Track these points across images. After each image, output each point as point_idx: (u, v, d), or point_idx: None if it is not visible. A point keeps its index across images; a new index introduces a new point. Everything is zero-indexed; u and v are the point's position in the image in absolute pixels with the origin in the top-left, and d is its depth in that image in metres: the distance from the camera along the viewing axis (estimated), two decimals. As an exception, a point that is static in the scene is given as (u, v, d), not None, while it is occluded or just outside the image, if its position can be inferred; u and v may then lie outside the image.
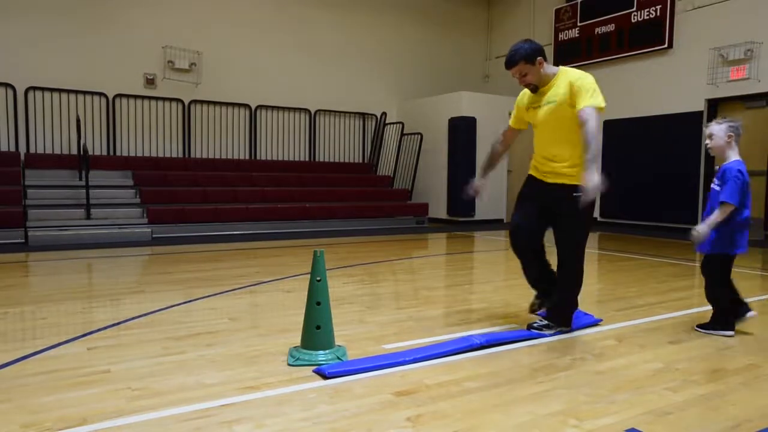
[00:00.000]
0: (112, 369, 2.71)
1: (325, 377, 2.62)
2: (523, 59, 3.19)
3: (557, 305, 3.44)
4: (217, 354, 2.96)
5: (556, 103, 3.19)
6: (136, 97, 10.03)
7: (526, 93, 3.43)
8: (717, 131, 3.44)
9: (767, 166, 9.03)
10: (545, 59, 3.24)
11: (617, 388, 2.55)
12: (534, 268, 3.53)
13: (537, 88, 3.30)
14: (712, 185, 3.51)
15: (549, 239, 3.42)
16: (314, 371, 2.70)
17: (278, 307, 4.06)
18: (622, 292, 4.79)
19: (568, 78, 3.18)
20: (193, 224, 8.86)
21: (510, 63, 3.23)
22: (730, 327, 3.48)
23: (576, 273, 3.39)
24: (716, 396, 2.48)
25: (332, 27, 11.88)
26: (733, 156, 3.44)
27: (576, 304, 3.49)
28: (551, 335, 3.37)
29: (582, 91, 3.08)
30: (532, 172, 3.47)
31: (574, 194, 3.16)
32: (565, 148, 3.23)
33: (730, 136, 3.42)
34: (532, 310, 3.69)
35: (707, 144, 3.53)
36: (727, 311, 3.50)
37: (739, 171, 3.34)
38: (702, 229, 3.31)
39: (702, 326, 3.56)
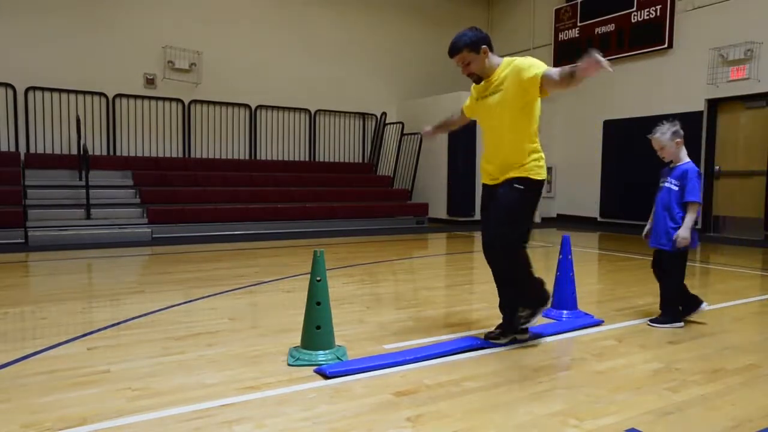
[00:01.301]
0: (112, 369, 2.71)
1: (326, 377, 2.62)
2: (467, 47, 3.01)
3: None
4: (217, 354, 2.96)
5: (504, 91, 3.01)
6: (136, 97, 10.03)
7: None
8: (665, 141, 3.62)
9: (767, 166, 9.03)
10: (491, 49, 3.07)
11: (617, 388, 2.55)
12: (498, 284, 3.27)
13: (481, 79, 3.13)
14: (666, 184, 3.66)
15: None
16: (315, 371, 2.70)
17: (278, 307, 4.06)
18: (622, 292, 4.79)
19: (513, 63, 3.00)
20: (193, 224, 8.86)
21: (453, 50, 3.06)
22: (680, 318, 3.67)
23: (517, 268, 3.12)
24: (716, 396, 2.48)
25: (332, 27, 11.88)
26: (684, 156, 3.65)
27: (534, 285, 3.21)
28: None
29: (529, 64, 2.91)
30: (483, 179, 3.28)
31: (515, 185, 3.02)
32: (513, 141, 3.04)
33: (678, 142, 3.60)
34: (488, 336, 3.25)
35: (659, 153, 3.69)
36: (678, 304, 3.68)
37: (698, 171, 3.58)
38: (685, 233, 3.51)
39: (655, 321, 3.67)
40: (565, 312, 3.81)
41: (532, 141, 3.07)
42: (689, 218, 3.51)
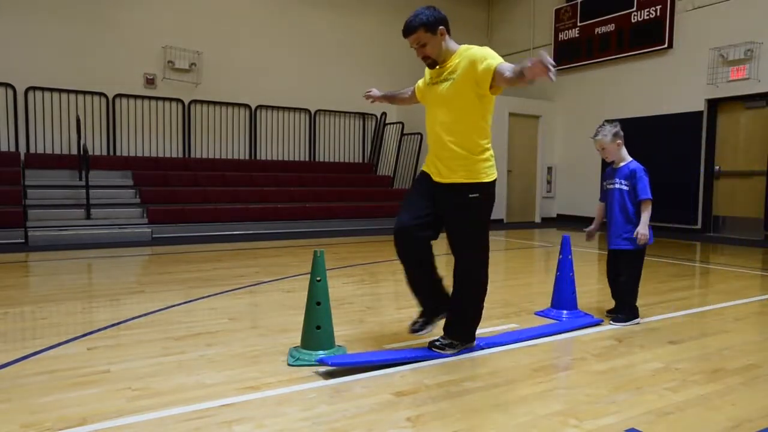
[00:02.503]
0: (112, 369, 2.71)
1: (328, 371, 2.64)
2: (423, 26, 2.79)
3: (461, 320, 3.01)
4: (217, 354, 2.96)
5: (455, 80, 2.79)
6: (136, 97, 10.03)
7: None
8: (606, 143, 3.70)
9: (767, 166, 9.03)
10: (448, 32, 2.86)
11: (617, 388, 2.55)
12: (420, 281, 3.04)
13: (435, 64, 2.89)
14: (616, 186, 3.75)
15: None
16: (316, 360, 2.73)
17: (278, 307, 4.06)
18: (622, 292, 4.78)
19: (468, 51, 2.80)
20: (193, 224, 8.86)
21: (408, 30, 2.83)
22: (638, 315, 3.76)
23: (481, 282, 2.98)
24: (716, 396, 2.48)
25: (332, 27, 11.88)
26: (627, 155, 3.77)
27: (480, 317, 3.07)
28: (452, 355, 2.96)
29: (484, 55, 2.72)
30: (425, 167, 3.03)
31: (470, 195, 2.83)
32: (463, 136, 2.83)
33: (618, 143, 3.72)
34: (413, 330, 3.08)
35: (601, 154, 3.80)
36: (635, 301, 3.77)
37: (645, 169, 3.68)
38: (645, 230, 3.59)
39: (616, 320, 3.71)
40: (565, 312, 3.81)
41: (482, 138, 2.86)
42: (645, 216, 3.62)
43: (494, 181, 2.91)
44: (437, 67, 2.92)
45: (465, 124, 2.84)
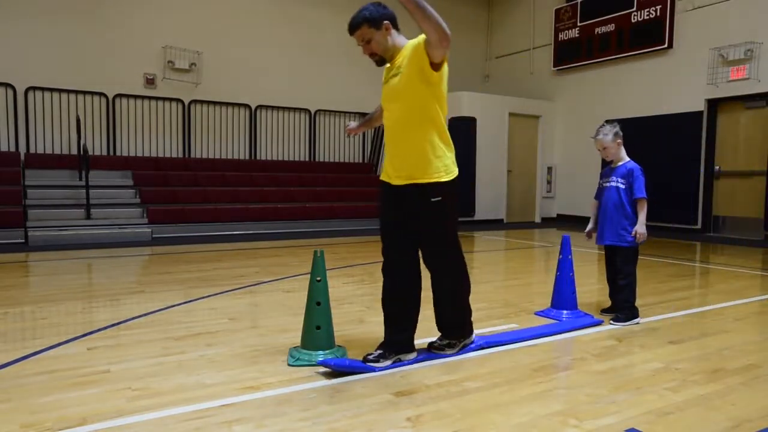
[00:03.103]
0: (112, 369, 2.71)
1: (331, 370, 2.66)
2: (366, 22, 2.73)
3: (454, 321, 2.98)
4: (217, 354, 2.96)
5: (403, 72, 2.69)
6: (136, 97, 10.03)
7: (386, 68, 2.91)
8: (608, 143, 3.76)
9: (767, 166, 9.03)
10: (396, 27, 2.78)
11: (617, 388, 2.55)
12: (403, 299, 2.89)
13: (384, 61, 2.83)
14: (611, 184, 3.81)
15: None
16: (319, 362, 2.73)
17: (278, 307, 4.06)
18: (622, 292, 4.78)
19: (413, 43, 2.70)
20: (193, 224, 8.86)
21: (351, 26, 2.79)
22: (638, 314, 3.78)
23: (459, 280, 2.92)
24: (716, 396, 2.48)
25: (332, 27, 11.87)
26: (625, 155, 3.84)
27: (471, 310, 3.02)
28: (452, 354, 2.97)
29: (420, 38, 2.63)
30: (383, 176, 2.90)
31: (432, 199, 2.71)
32: (417, 130, 2.71)
33: (618, 143, 3.79)
34: (366, 359, 2.80)
35: (601, 153, 3.85)
36: (634, 300, 3.80)
37: (641, 169, 3.75)
38: (643, 229, 3.68)
39: (617, 320, 3.71)
40: (565, 312, 3.81)
41: (438, 132, 2.74)
42: (642, 215, 3.70)
43: (455, 179, 2.78)
44: (387, 64, 2.85)
45: (418, 117, 2.71)
